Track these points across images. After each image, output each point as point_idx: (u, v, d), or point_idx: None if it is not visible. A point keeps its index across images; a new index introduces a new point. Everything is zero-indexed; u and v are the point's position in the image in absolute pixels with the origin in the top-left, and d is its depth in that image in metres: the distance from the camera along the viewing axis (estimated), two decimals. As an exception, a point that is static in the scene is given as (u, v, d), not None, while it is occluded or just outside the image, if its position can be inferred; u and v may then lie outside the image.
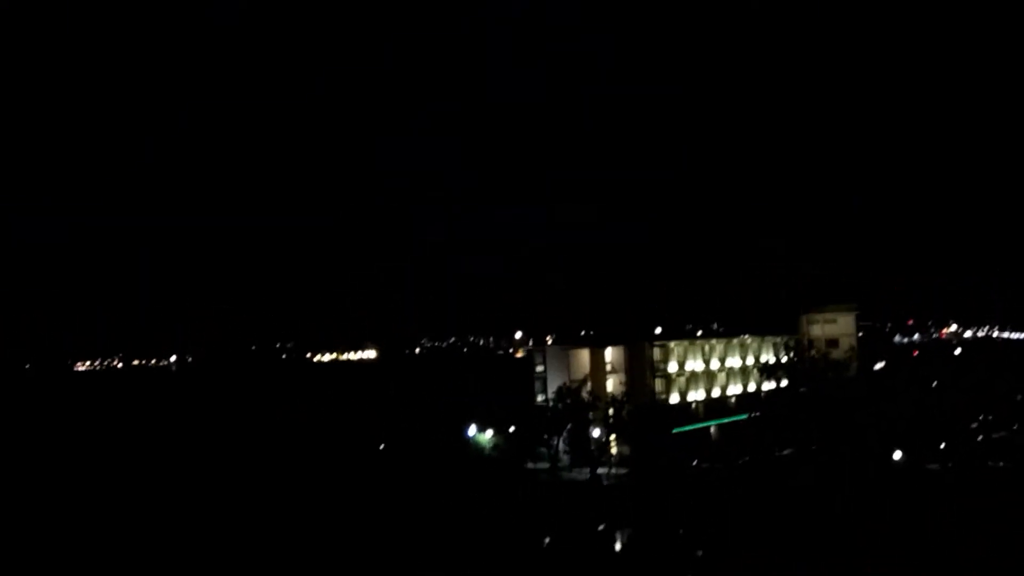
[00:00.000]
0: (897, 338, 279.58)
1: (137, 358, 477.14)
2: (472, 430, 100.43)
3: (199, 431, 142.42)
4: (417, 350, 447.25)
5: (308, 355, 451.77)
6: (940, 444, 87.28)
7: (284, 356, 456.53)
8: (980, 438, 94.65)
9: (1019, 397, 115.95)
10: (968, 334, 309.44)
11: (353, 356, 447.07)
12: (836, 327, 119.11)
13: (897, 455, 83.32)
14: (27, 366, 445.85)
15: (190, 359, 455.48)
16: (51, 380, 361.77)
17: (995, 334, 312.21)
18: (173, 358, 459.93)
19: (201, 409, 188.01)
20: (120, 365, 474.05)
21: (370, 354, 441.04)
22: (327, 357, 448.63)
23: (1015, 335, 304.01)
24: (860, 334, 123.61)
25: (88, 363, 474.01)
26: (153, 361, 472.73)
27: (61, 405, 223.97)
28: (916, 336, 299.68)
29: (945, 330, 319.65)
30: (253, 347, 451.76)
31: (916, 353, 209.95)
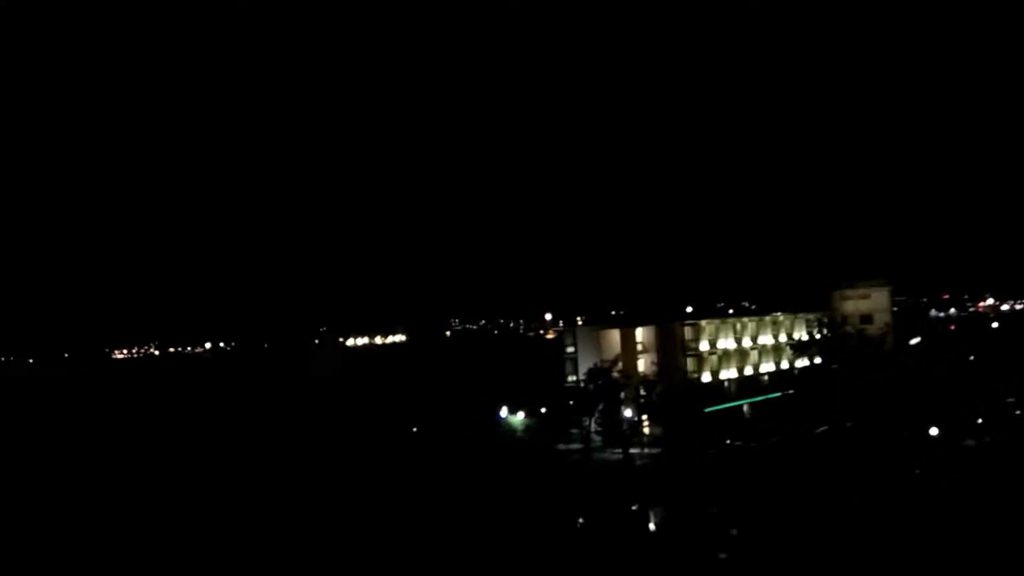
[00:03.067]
0: (933, 312, 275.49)
1: (173, 346, 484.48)
2: (503, 412, 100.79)
3: (235, 415, 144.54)
4: (448, 333, 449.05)
5: (340, 339, 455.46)
6: (977, 419, 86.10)
7: (316, 341, 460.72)
8: (1018, 412, 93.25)
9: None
10: (1005, 307, 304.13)
11: (385, 340, 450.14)
12: (870, 303, 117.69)
13: (933, 431, 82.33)
14: (65, 355, 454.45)
15: (223, 346, 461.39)
16: (90, 368, 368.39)
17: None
18: (208, 345, 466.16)
19: (236, 394, 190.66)
20: (157, 353, 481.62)
21: (400, 338, 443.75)
22: (360, 341, 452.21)
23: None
24: (895, 309, 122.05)
25: (125, 351, 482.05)
26: (188, 348, 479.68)
27: (101, 391, 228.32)
28: (952, 310, 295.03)
29: (982, 303, 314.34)
30: (285, 333, 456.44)
31: (952, 327, 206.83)
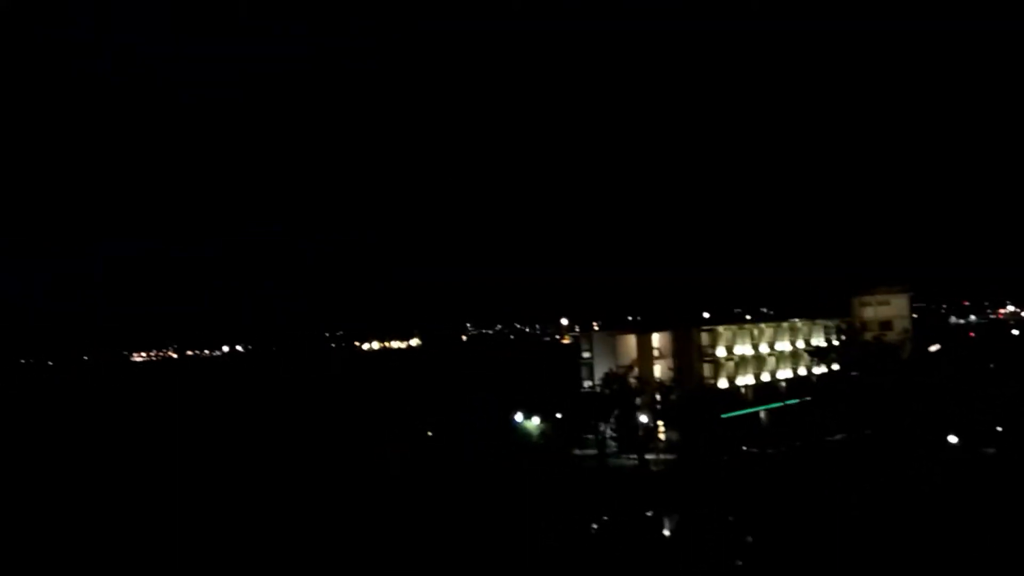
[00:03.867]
0: (952, 319, 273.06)
1: (190, 349, 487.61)
2: (519, 417, 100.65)
3: (252, 415, 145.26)
4: (464, 337, 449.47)
5: (356, 343, 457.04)
6: (997, 427, 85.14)
7: (333, 345, 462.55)
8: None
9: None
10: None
11: (400, 344, 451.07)
12: (889, 309, 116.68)
13: (952, 439, 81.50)
14: (84, 357, 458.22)
15: (241, 348, 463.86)
16: (110, 370, 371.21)
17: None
18: (225, 348, 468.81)
19: (253, 395, 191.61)
20: (175, 356, 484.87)
21: (415, 342, 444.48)
22: (375, 345, 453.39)
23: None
24: (914, 316, 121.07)
25: (144, 354, 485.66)
26: (206, 352, 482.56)
27: (122, 392, 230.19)
28: (972, 317, 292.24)
29: (1002, 311, 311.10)
30: (303, 337, 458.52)
31: (972, 335, 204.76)
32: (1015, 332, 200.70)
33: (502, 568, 54.37)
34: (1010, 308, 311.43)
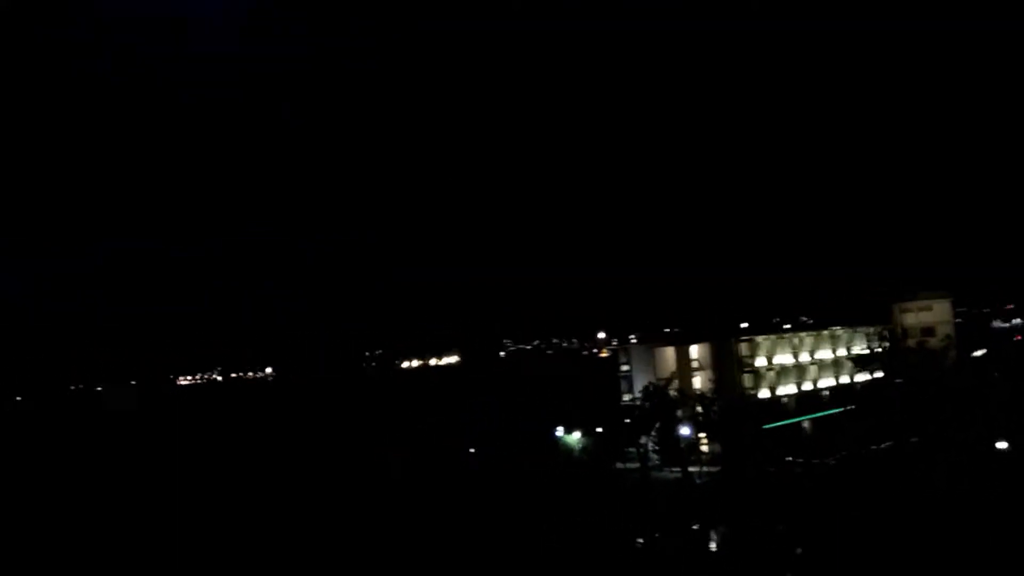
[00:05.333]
0: (995, 323, 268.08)
1: (234, 371, 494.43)
2: (559, 431, 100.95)
3: (296, 434, 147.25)
4: (502, 353, 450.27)
5: (396, 362, 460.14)
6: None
7: (373, 364, 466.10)
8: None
9: None
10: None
11: (439, 361, 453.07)
12: (931, 315, 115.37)
13: (1002, 444, 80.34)
14: (132, 382, 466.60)
15: (282, 371, 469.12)
16: (157, 392, 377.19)
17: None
18: (268, 370, 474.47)
19: (299, 413, 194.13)
20: (219, 379, 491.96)
21: (454, 359, 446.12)
22: (414, 363, 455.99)
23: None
24: (957, 321, 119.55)
25: (189, 378, 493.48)
26: (250, 374, 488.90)
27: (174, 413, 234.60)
28: (1016, 321, 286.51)
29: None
30: (345, 357, 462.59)
31: (1018, 338, 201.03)
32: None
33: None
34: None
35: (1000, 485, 68.12)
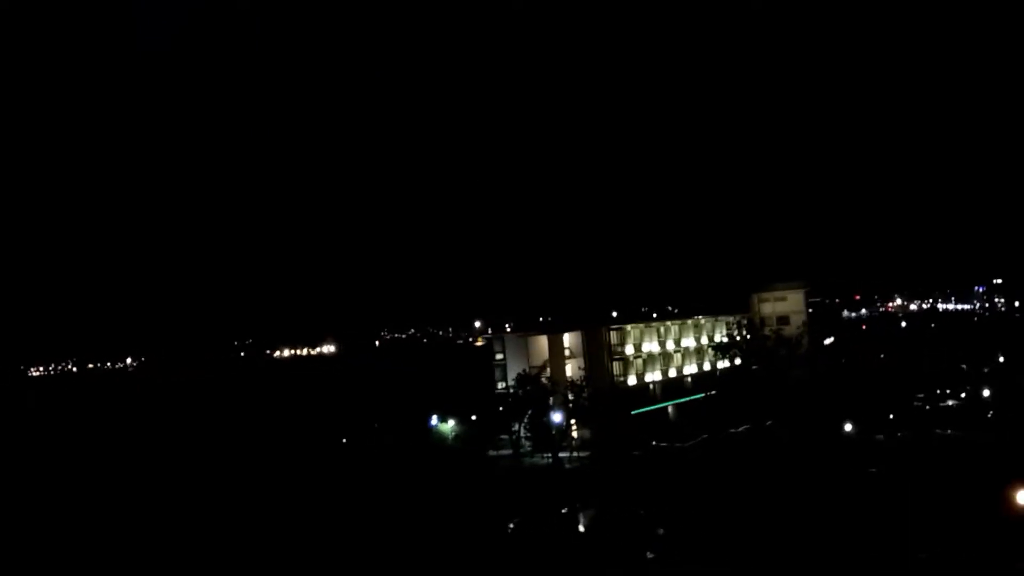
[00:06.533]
0: (845, 313, 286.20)
1: (91, 361, 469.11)
2: (434, 420, 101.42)
3: (160, 430, 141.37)
4: (377, 343, 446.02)
5: (267, 351, 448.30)
6: (888, 415, 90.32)
7: (243, 353, 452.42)
8: (927, 408, 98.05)
9: (962, 367, 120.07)
10: (913, 307, 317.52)
11: (313, 351, 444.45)
12: (786, 304, 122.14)
13: (848, 427, 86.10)
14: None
15: (145, 360, 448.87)
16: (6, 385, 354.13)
17: (939, 305, 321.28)
18: (129, 360, 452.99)
19: (163, 408, 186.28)
20: (75, 369, 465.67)
21: (329, 348, 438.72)
22: (286, 353, 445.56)
23: (957, 306, 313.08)
24: (810, 310, 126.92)
25: (42, 368, 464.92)
26: (108, 364, 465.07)
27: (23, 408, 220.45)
28: (863, 311, 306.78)
29: (891, 304, 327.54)
30: (211, 344, 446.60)
31: (864, 327, 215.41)
32: (903, 324, 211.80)
33: (418, 569, 55.06)
34: (898, 301, 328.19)
35: (845, 465, 73.06)
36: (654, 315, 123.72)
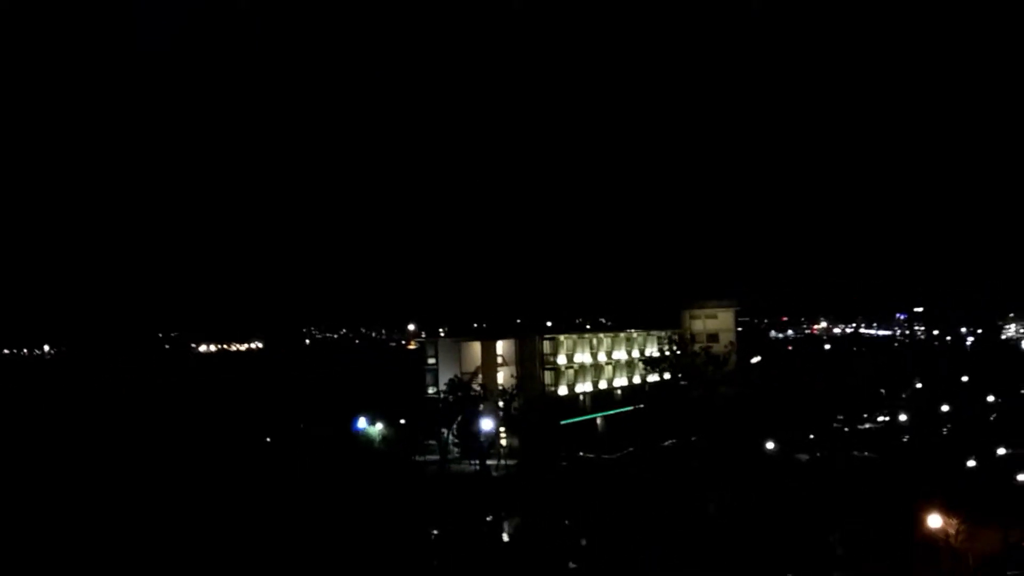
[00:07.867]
0: (772, 333, 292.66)
1: (5, 347, 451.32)
2: (362, 422, 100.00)
3: (73, 422, 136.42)
4: (307, 341, 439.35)
5: (192, 345, 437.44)
6: (809, 435, 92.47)
7: (167, 347, 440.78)
8: (846, 429, 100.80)
9: (881, 390, 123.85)
10: (837, 330, 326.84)
11: (240, 347, 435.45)
12: (717, 322, 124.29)
13: (770, 445, 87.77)
14: None
15: (65, 348, 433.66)
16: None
17: (861, 330, 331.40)
18: (47, 347, 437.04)
19: (80, 399, 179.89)
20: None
21: (257, 344, 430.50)
22: (212, 348, 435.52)
23: (878, 332, 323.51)
24: (739, 329, 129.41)
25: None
26: (24, 351, 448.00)
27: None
28: (790, 332, 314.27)
29: (816, 326, 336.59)
30: (133, 336, 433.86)
31: (790, 348, 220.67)
32: (827, 347, 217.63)
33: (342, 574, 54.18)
34: (823, 324, 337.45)
35: (765, 481, 74.45)
36: (588, 326, 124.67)
